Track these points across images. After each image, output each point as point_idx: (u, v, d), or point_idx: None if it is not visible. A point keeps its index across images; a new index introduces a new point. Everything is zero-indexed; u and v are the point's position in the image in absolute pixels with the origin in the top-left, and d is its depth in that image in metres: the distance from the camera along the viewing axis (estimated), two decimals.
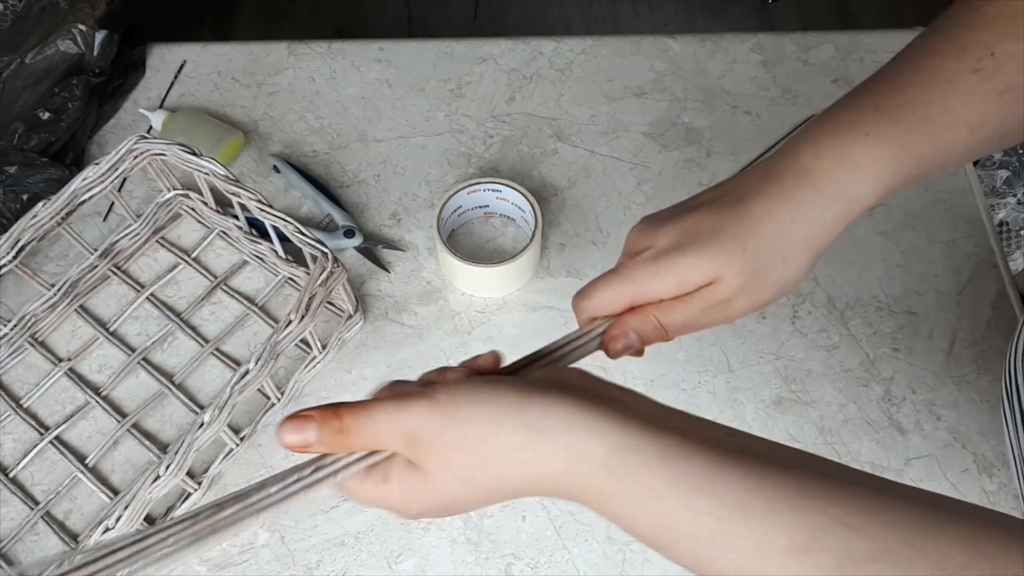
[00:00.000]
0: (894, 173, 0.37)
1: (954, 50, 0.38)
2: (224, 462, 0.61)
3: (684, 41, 0.83)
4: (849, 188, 0.37)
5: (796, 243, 0.37)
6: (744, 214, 0.37)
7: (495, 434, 0.32)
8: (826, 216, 0.37)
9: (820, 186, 0.37)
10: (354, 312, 0.66)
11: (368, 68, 0.83)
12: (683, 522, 0.29)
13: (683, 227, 0.38)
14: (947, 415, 0.63)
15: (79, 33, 0.77)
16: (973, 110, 0.38)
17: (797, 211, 0.37)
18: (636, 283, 0.39)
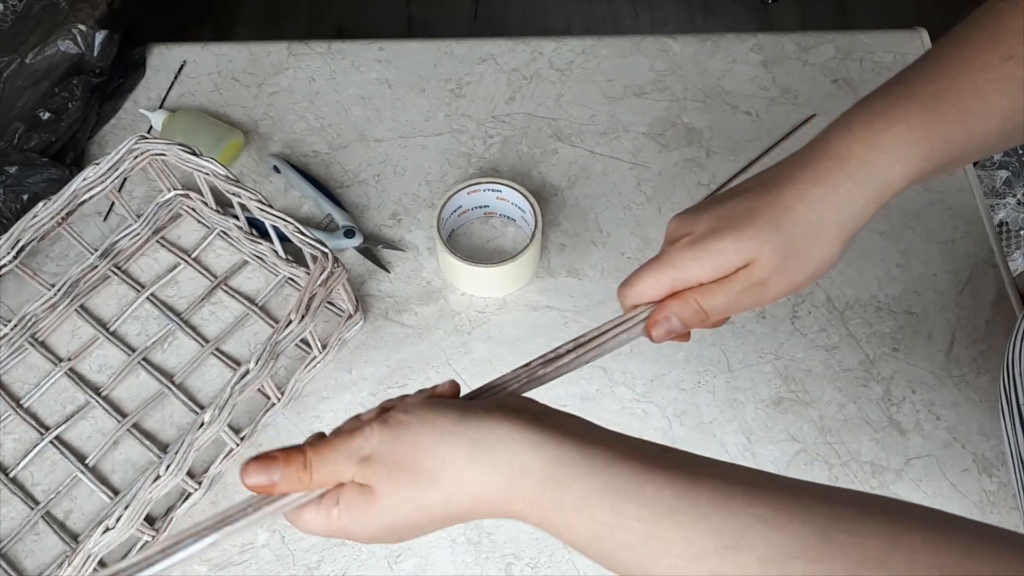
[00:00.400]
0: (925, 157, 0.38)
1: (988, 39, 0.39)
2: (224, 462, 0.61)
3: (684, 41, 0.83)
4: (880, 172, 0.38)
5: (828, 225, 0.38)
6: (776, 198, 0.39)
7: (438, 450, 0.33)
8: (857, 199, 0.38)
9: (851, 170, 0.38)
10: (354, 312, 0.66)
11: (368, 68, 0.83)
12: (616, 529, 0.31)
13: (719, 213, 0.40)
14: (947, 415, 0.63)
15: (79, 33, 0.77)
16: (1006, 97, 0.38)
17: (829, 195, 0.38)
18: (676, 268, 0.40)
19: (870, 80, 0.80)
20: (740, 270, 0.39)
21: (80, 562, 0.51)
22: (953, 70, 0.39)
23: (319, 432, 0.37)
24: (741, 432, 0.63)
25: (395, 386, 0.65)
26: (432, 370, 0.66)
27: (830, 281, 0.69)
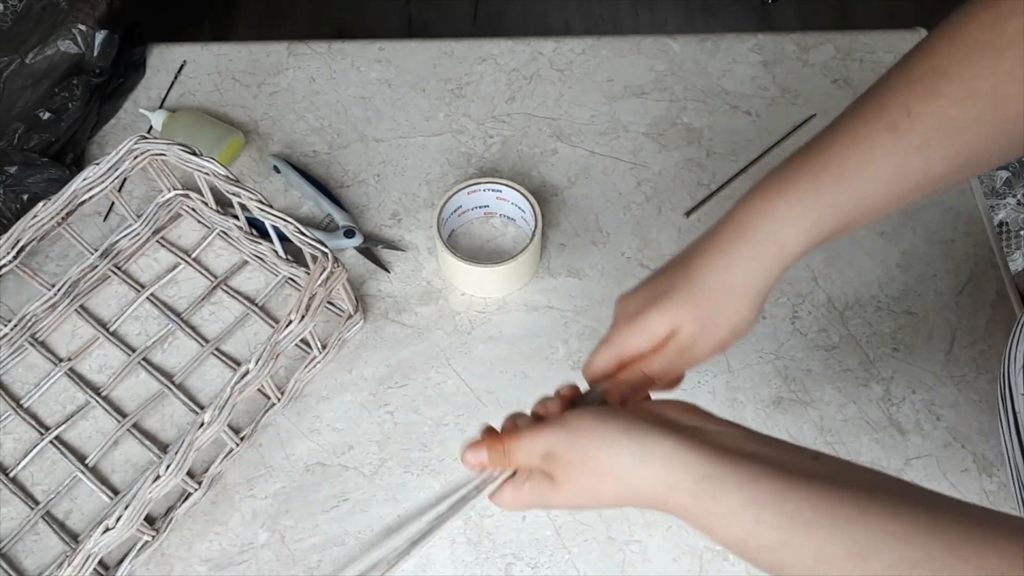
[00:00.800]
0: (816, 224, 0.43)
1: (873, 111, 0.43)
2: (224, 462, 0.61)
3: (684, 41, 0.83)
4: (775, 240, 0.43)
5: (736, 289, 0.44)
6: (688, 272, 0.45)
7: (609, 457, 0.39)
8: (758, 264, 0.44)
9: (748, 239, 0.44)
10: (354, 312, 0.66)
11: (368, 68, 0.83)
12: (757, 535, 0.36)
13: (646, 293, 0.47)
14: (947, 415, 0.63)
15: (79, 33, 0.77)
16: (891, 165, 0.42)
17: (732, 263, 0.44)
18: (617, 345, 0.47)
19: (870, 80, 0.79)
20: (670, 338, 0.45)
21: (80, 562, 0.51)
22: (841, 143, 0.43)
23: (514, 413, 0.47)
24: None
25: (395, 386, 0.65)
26: (432, 370, 0.66)
27: (830, 281, 0.69)
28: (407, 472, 0.62)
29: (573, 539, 0.59)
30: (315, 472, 0.62)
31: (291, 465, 0.62)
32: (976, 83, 0.41)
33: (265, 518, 0.60)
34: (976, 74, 0.42)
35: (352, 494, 0.61)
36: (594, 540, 0.59)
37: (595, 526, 0.59)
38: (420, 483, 0.61)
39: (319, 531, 0.60)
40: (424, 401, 0.65)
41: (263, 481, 0.62)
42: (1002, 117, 0.42)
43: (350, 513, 0.60)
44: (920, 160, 0.42)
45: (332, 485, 0.61)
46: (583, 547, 0.59)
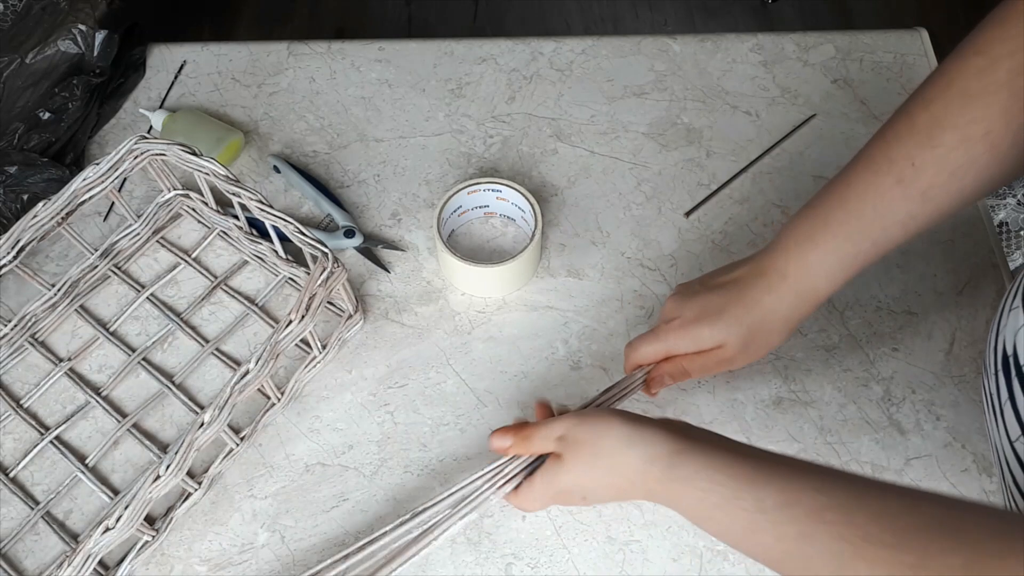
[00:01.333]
0: (842, 270, 0.52)
1: (884, 163, 0.49)
2: (224, 462, 0.61)
3: (684, 41, 0.83)
4: (809, 286, 0.53)
5: (776, 321, 0.54)
6: (743, 301, 0.54)
7: (605, 438, 0.48)
8: (796, 304, 0.54)
9: (790, 284, 0.53)
10: (354, 312, 0.66)
11: (368, 68, 0.83)
12: (710, 493, 0.44)
13: (702, 304, 0.55)
14: (947, 415, 0.63)
15: (79, 33, 0.77)
16: (902, 211, 0.49)
17: (778, 301, 0.53)
18: (668, 343, 0.57)
19: (870, 80, 0.80)
20: (714, 349, 0.55)
21: (80, 562, 0.51)
22: (857, 196, 0.50)
23: (543, 400, 0.58)
24: (741, 432, 0.63)
25: (395, 386, 0.65)
26: (432, 370, 0.66)
27: None
28: (407, 472, 0.62)
29: (573, 539, 0.59)
30: (315, 472, 0.62)
31: (291, 465, 0.62)
32: (970, 128, 0.47)
33: (265, 518, 0.60)
34: (970, 120, 0.47)
35: (352, 494, 0.61)
36: (594, 540, 0.59)
37: (595, 526, 0.59)
38: (420, 483, 0.61)
39: (319, 531, 0.60)
40: (424, 401, 0.65)
41: (263, 481, 0.62)
42: (997, 154, 0.47)
43: (350, 513, 0.60)
44: (927, 204, 0.49)
45: (332, 485, 0.61)
46: (583, 547, 0.59)
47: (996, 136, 0.46)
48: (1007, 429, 0.46)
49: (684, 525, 0.59)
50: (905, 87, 0.79)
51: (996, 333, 0.48)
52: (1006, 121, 0.46)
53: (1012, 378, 0.45)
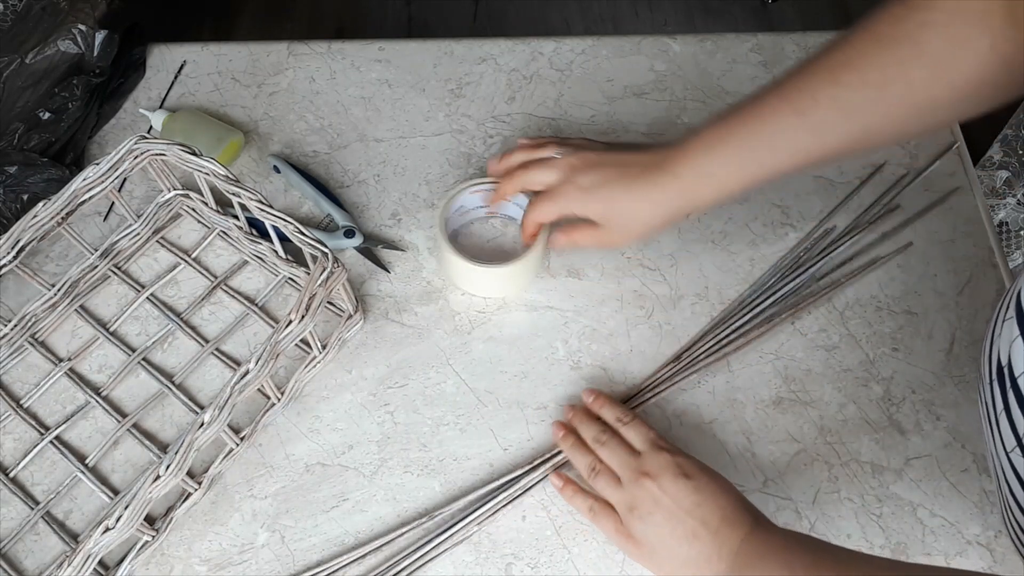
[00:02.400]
0: (727, 185, 0.56)
1: (791, 92, 0.52)
2: (224, 462, 0.61)
3: (684, 41, 0.83)
4: (697, 192, 0.57)
5: (655, 217, 0.59)
6: (632, 187, 0.59)
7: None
8: (678, 205, 0.58)
9: (681, 186, 0.57)
10: (354, 312, 0.66)
11: (368, 68, 0.83)
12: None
13: (604, 176, 0.60)
14: (947, 415, 0.63)
15: (79, 33, 0.77)
16: (793, 141, 0.53)
17: (663, 199, 0.58)
18: (561, 206, 0.62)
19: None
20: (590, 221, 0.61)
21: (80, 562, 0.51)
22: (756, 118, 0.54)
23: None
24: (741, 432, 0.63)
25: (395, 386, 0.65)
26: (432, 370, 0.66)
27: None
28: (407, 472, 0.62)
29: (573, 539, 0.59)
30: (315, 472, 0.62)
31: (291, 465, 0.62)
32: (868, 73, 0.49)
33: (265, 518, 0.60)
34: (869, 64, 0.49)
35: (352, 494, 0.61)
36: (594, 540, 0.59)
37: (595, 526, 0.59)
38: (420, 483, 0.61)
39: (319, 531, 0.60)
40: (424, 401, 0.65)
41: (263, 481, 0.62)
42: (887, 101, 0.49)
43: (350, 513, 0.60)
44: (817, 138, 0.52)
45: (332, 485, 0.61)
46: (583, 547, 0.59)
47: (888, 82, 0.48)
48: (1003, 440, 0.46)
49: None
50: None
51: (991, 343, 0.48)
52: (901, 70, 0.48)
53: (1007, 389, 0.45)
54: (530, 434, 0.63)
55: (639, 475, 0.54)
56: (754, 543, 0.50)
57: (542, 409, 0.64)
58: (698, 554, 0.51)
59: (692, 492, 0.52)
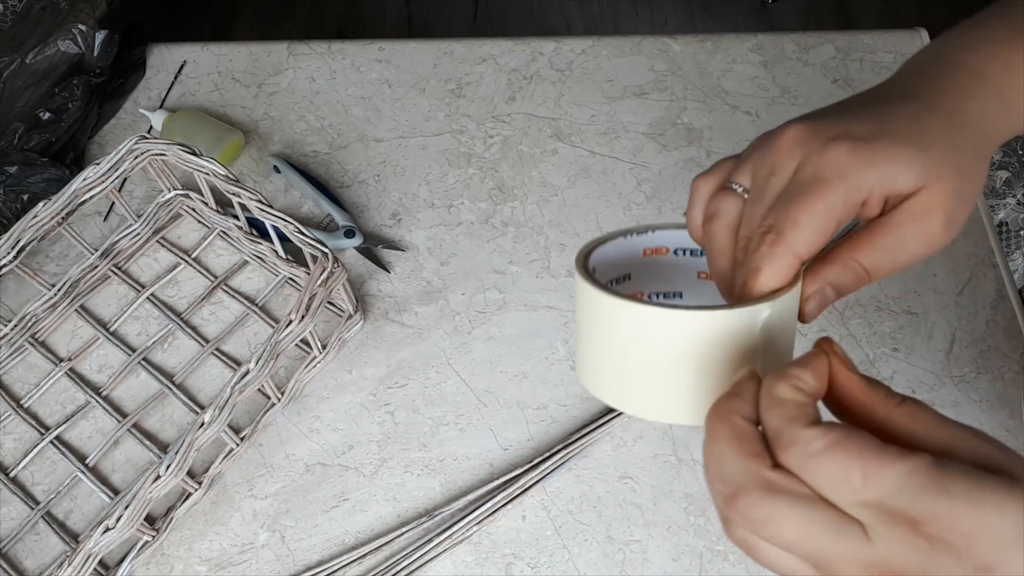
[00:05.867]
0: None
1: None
2: (224, 462, 0.61)
3: (684, 41, 0.83)
4: (1017, 91, 0.34)
5: (984, 142, 0.33)
6: (937, 112, 0.31)
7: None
8: (1001, 116, 0.33)
9: (994, 86, 0.33)
10: (354, 312, 0.66)
11: (368, 68, 0.83)
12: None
13: (879, 115, 0.31)
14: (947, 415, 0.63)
15: (79, 33, 0.77)
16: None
17: (981, 111, 0.33)
18: (847, 181, 0.29)
19: (870, 80, 0.80)
20: (905, 201, 0.30)
21: (80, 562, 0.51)
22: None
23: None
24: None
25: (395, 386, 0.65)
26: (432, 370, 0.66)
27: None
28: (407, 472, 0.62)
29: (573, 539, 0.59)
30: (315, 472, 0.62)
31: (291, 465, 0.62)
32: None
33: (265, 518, 0.60)
34: None
35: (352, 494, 0.61)
36: (594, 540, 0.59)
37: (595, 526, 0.59)
38: (420, 483, 0.61)
39: (319, 531, 0.60)
40: (424, 401, 0.65)
41: (263, 481, 0.62)
42: None
43: (350, 513, 0.60)
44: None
45: (332, 485, 0.61)
46: (583, 547, 0.59)
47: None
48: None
49: (684, 525, 0.59)
50: None
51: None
52: None
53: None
54: (530, 434, 0.63)
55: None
56: None
57: (542, 409, 0.64)
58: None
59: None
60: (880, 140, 0.30)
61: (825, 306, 0.33)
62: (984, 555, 0.23)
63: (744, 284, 0.31)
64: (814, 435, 0.25)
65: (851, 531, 0.24)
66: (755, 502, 0.25)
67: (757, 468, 0.26)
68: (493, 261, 0.71)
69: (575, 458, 0.61)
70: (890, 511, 0.24)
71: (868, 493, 0.24)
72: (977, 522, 0.23)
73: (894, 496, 0.24)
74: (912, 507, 0.23)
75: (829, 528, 0.24)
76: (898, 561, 0.24)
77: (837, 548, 0.24)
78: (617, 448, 0.62)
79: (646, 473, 0.61)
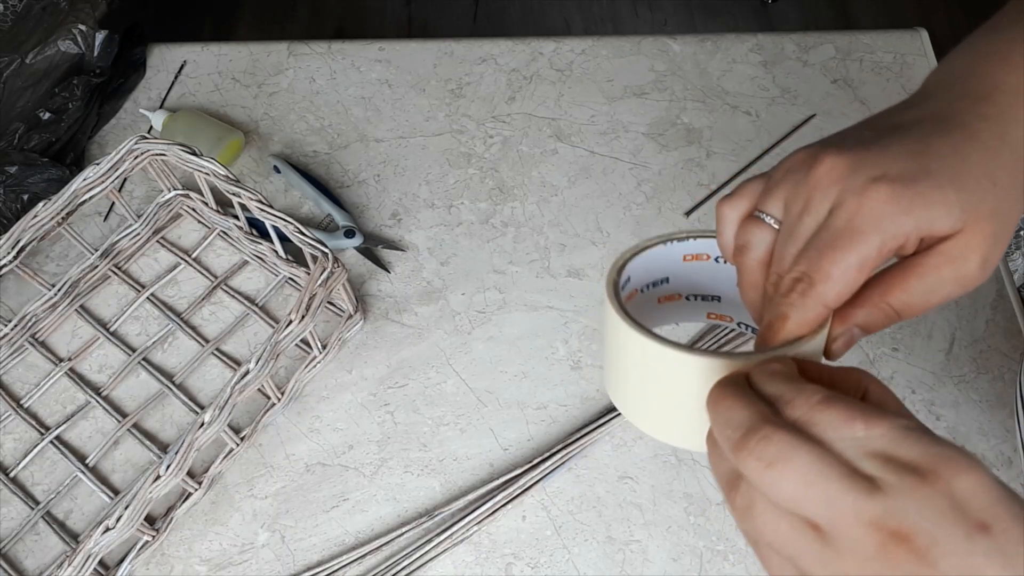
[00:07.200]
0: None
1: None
2: (224, 462, 0.61)
3: (684, 41, 0.83)
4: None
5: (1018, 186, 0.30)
6: (977, 142, 0.30)
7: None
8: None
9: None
10: (354, 312, 0.66)
11: (368, 68, 0.83)
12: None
13: (917, 149, 0.30)
14: (947, 415, 0.63)
15: (79, 33, 0.77)
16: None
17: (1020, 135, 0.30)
18: (882, 232, 0.28)
19: (870, 80, 0.80)
20: (941, 242, 0.29)
21: (80, 562, 0.51)
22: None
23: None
24: None
25: (395, 386, 0.65)
26: (432, 370, 0.66)
27: None
28: (407, 472, 0.62)
29: (573, 539, 0.59)
30: (315, 472, 0.62)
31: (291, 465, 0.62)
32: None
33: (265, 518, 0.60)
34: None
35: (352, 494, 0.61)
36: (594, 540, 0.59)
37: (595, 526, 0.59)
38: (420, 483, 0.61)
39: (319, 531, 0.60)
40: (424, 401, 0.65)
41: (263, 481, 0.62)
42: None
43: (350, 513, 0.60)
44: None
45: (332, 485, 0.61)
46: (583, 547, 0.59)
47: None
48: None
49: (684, 525, 0.59)
50: (905, 87, 0.79)
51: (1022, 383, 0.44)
52: None
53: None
54: (530, 434, 0.63)
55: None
56: None
57: (542, 409, 0.64)
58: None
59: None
60: (920, 183, 0.29)
61: (851, 345, 0.32)
62: (980, 512, 0.22)
63: (770, 326, 0.31)
64: (813, 389, 0.26)
65: (862, 483, 0.23)
66: (768, 435, 0.25)
67: (768, 412, 0.26)
68: (493, 261, 0.71)
69: (575, 458, 0.61)
70: (898, 461, 0.23)
71: (872, 442, 0.24)
72: (972, 475, 0.23)
73: (897, 444, 0.24)
74: (919, 456, 0.23)
75: (842, 474, 0.24)
76: (911, 513, 0.23)
77: (848, 499, 0.23)
78: (617, 448, 0.62)
79: (646, 473, 0.61)
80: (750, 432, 0.25)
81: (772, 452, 0.25)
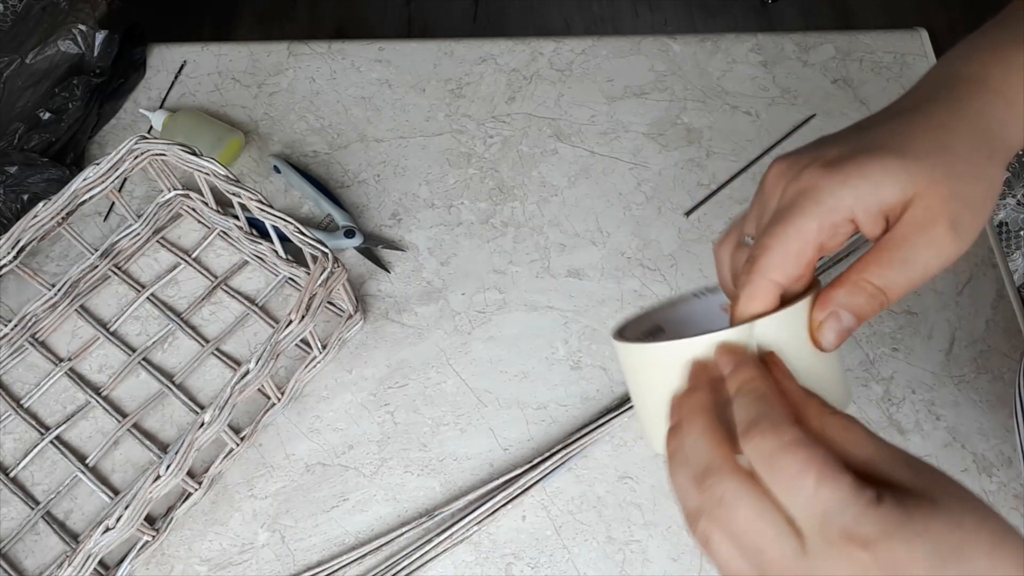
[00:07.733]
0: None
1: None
2: (224, 462, 0.61)
3: (684, 41, 0.83)
4: (1021, 91, 0.32)
5: (992, 143, 0.31)
6: (927, 120, 0.31)
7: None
8: (1007, 117, 0.32)
9: (998, 89, 0.32)
10: (354, 312, 0.66)
11: (368, 68, 0.83)
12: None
13: (855, 138, 0.31)
14: (947, 415, 0.63)
15: (79, 33, 0.77)
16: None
17: (983, 112, 0.32)
18: (821, 204, 0.29)
19: (870, 80, 0.80)
20: (904, 212, 0.30)
21: (80, 562, 0.51)
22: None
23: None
24: None
25: (395, 386, 0.65)
26: (432, 370, 0.66)
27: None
28: (407, 472, 0.62)
29: (573, 539, 0.59)
30: (315, 472, 0.62)
31: (291, 465, 0.62)
32: None
33: (265, 518, 0.60)
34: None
35: (352, 494, 0.61)
36: (594, 540, 0.59)
37: (595, 526, 0.59)
38: (420, 483, 0.61)
39: (319, 531, 0.60)
40: (424, 401, 0.65)
41: (263, 481, 0.62)
42: None
43: (350, 513, 0.60)
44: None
45: (332, 485, 0.61)
46: (583, 547, 0.59)
47: None
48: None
49: (684, 525, 0.59)
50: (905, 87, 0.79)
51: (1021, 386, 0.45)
52: None
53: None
54: (530, 434, 0.63)
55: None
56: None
57: (542, 409, 0.64)
58: None
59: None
60: (855, 157, 0.30)
61: (844, 332, 0.32)
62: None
63: (732, 308, 0.32)
64: (782, 427, 0.26)
65: (791, 541, 0.25)
66: (721, 479, 0.27)
67: (726, 451, 0.28)
68: (493, 261, 0.71)
69: (575, 458, 0.61)
70: (834, 526, 0.24)
71: (816, 503, 0.25)
72: (906, 547, 0.24)
73: (841, 509, 0.24)
74: (854, 525, 0.24)
75: (774, 525, 0.26)
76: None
77: (776, 551, 0.26)
78: (617, 448, 0.62)
79: (646, 473, 0.61)
80: (708, 471, 0.27)
81: (720, 493, 0.27)
